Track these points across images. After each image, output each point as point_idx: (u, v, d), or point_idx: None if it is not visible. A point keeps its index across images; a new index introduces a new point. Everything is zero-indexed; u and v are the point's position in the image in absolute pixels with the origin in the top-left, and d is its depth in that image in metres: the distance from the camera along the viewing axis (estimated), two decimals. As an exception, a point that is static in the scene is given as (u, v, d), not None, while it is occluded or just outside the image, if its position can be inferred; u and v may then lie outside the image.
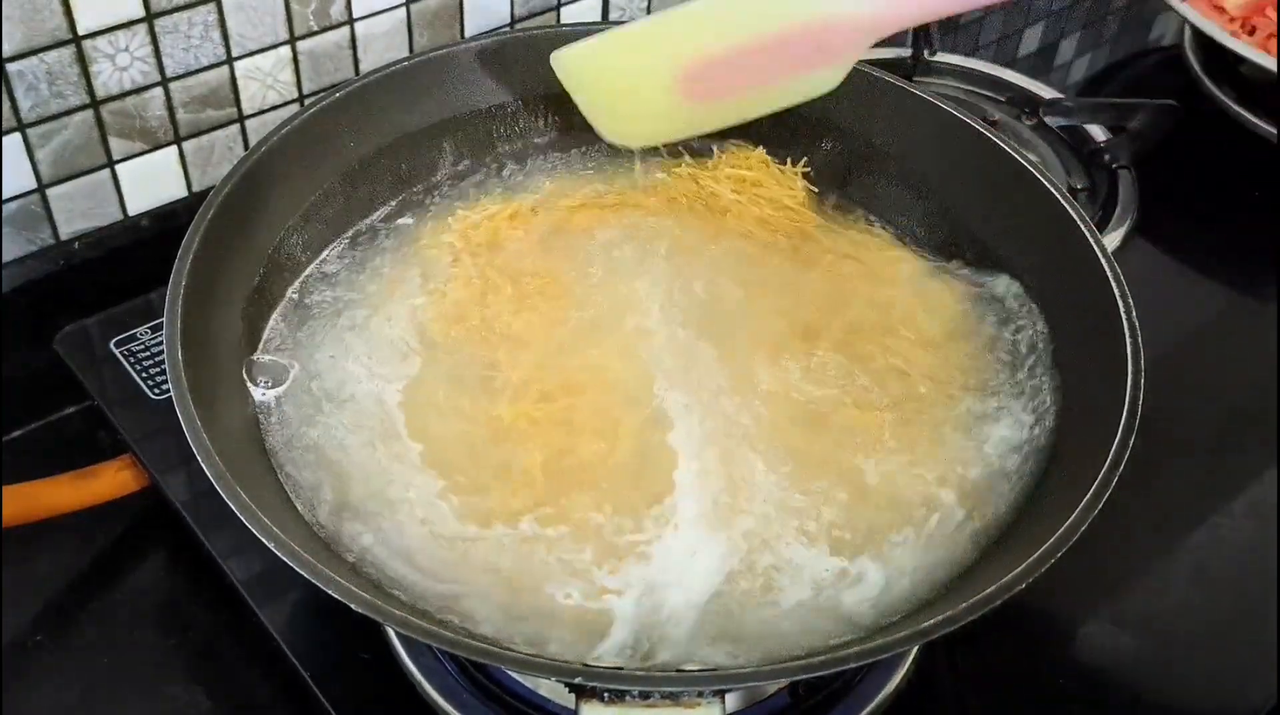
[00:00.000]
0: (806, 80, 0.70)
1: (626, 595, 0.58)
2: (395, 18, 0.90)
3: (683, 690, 0.51)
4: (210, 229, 0.65)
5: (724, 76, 0.69)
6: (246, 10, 0.82)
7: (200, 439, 0.55)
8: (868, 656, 0.53)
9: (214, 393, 0.62)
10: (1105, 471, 0.57)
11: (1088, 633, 0.71)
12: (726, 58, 0.68)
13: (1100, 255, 0.67)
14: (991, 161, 0.74)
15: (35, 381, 0.81)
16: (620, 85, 0.71)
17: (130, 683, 0.67)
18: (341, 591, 0.52)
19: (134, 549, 0.73)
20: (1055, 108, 1.03)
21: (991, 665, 0.69)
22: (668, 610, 0.58)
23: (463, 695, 0.65)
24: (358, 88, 0.75)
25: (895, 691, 0.66)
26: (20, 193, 0.81)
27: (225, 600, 0.69)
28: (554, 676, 0.52)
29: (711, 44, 0.68)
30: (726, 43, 0.68)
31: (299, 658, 0.66)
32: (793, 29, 0.67)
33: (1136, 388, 0.61)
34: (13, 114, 0.77)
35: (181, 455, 0.63)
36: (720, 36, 0.68)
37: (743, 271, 0.74)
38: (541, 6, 0.98)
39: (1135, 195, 0.97)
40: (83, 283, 0.84)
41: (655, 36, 0.69)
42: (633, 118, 0.73)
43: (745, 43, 0.68)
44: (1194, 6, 1.02)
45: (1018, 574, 0.53)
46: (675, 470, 0.63)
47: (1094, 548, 0.55)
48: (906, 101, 0.78)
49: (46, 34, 0.75)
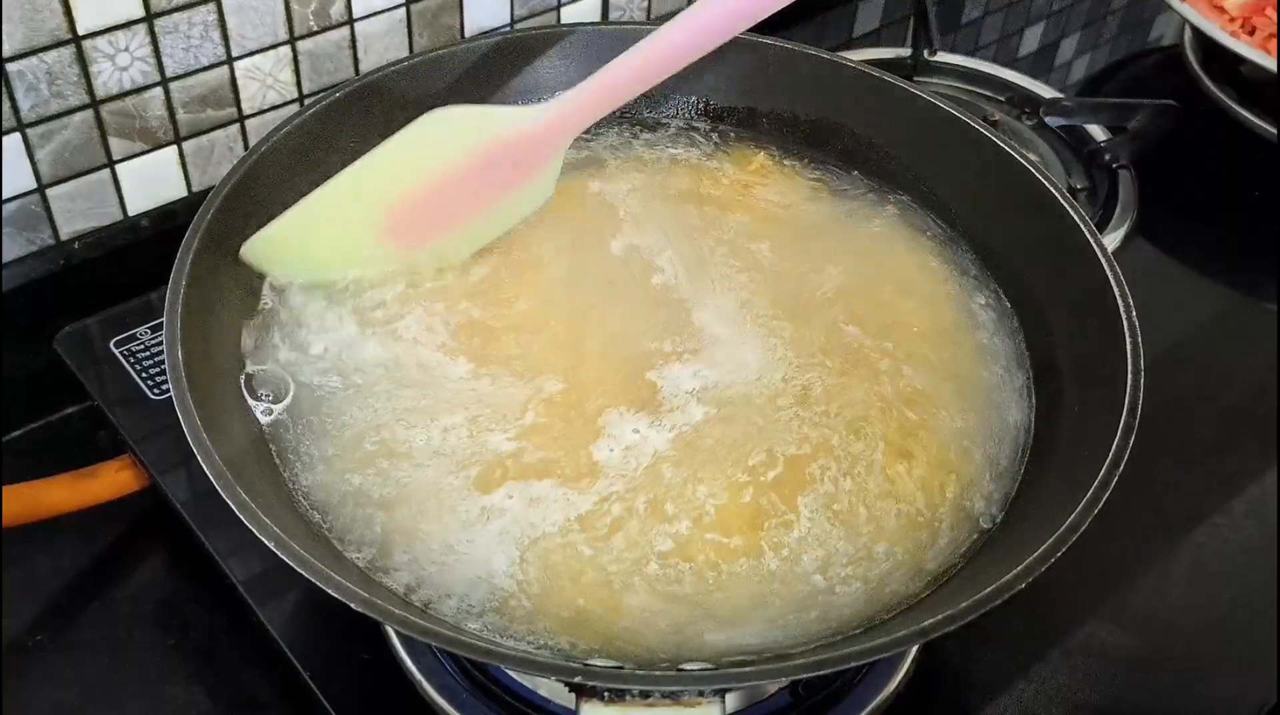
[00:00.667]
0: (517, 199, 0.70)
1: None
2: (395, 18, 0.90)
3: (683, 690, 0.51)
4: (210, 229, 0.65)
5: (429, 216, 0.67)
6: (246, 10, 0.82)
7: (200, 438, 0.55)
8: (868, 656, 0.53)
9: (214, 392, 0.62)
10: (1105, 471, 0.57)
11: (1088, 633, 0.71)
12: (425, 198, 0.67)
13: (1100, 255, 0.67)
14: (991, 161, 0.74)
15: (35, 381, 0.81)
16: (322, 255, 0.68)
17: (130, 683, 0.67)
18: (341, 591, 0.52)
19: (134, 549, 0.73)
20: (1055, 108, 1.03)
21: (991, 665, 0.69)
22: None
23: (462, 695, 0.65)
24: (357, 87, 0.75)
25: (895, 691, 0.66)
26: (20, 193, 0.81)
27: (225, 600, 0.69)
28: (554, 676, 0.52)
29: (404, 187, 0.67)
30: (418, 183, 0.67)
31: (299, 658, 0.66)
32: (479, 156, 0.67)
33: (1136, 388, 0.61)
34: (13, 114, 0.77)
35: (181, 455, 0.63)
36: (409, 178, 0.67)
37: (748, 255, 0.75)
38: (541, 6, 0.99)
39: (1135, 195, 0.97)
40: (83, 283, 0.84)
41: (341, 197, 0.67)
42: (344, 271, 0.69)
43: (438, 179, 0.67)
44: (1194, 6, 1.02)
45: (1018, 573, 0.53)
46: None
47: (1094, 548, 0.55)
48: (906, 101, 0.78)
49: (46, 34, 0.75)
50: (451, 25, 0.94)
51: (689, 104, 0.83)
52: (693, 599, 0.58)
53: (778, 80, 0.81)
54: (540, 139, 0.68)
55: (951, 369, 0.69)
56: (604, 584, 0.58)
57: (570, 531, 0.60)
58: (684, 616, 0.57)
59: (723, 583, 0.59)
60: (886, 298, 0.73)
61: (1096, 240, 0.68)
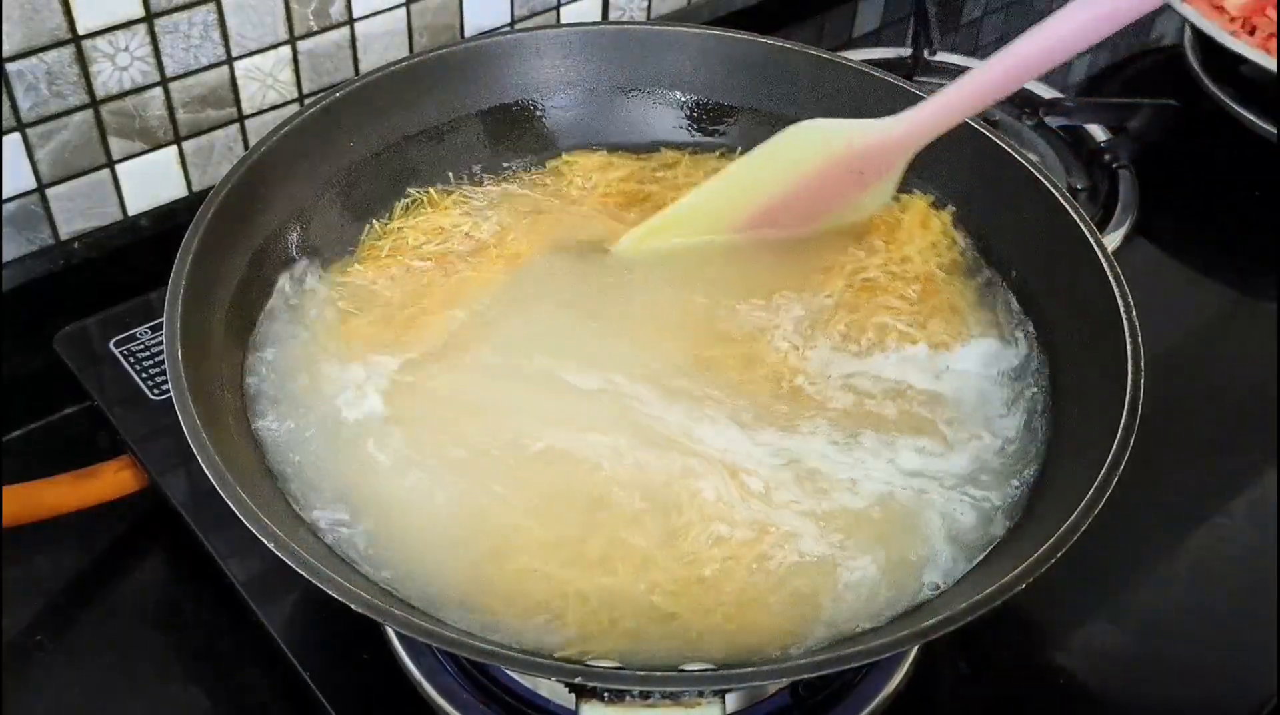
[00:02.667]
0: (858, 202, 0.75)
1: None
2: (395, 18, 0.90)
3: (683, 690, 0.51)
4: (209, 229, 0.65)
5: (775, 219, 0.74)
6: (246, 10, 0.82)
7: (200, 439, 0.55)
8: (868, 656, 0.53)
9: (214, 392, 0.62)
10: (1105, 471, 0.57)
11: (1088, 633, 0.71)
12: (773, 205, 0.73)
13: (1100, 255, 0.67)
14: (991, 161, 0.74)
15: (35, 381, 0.81)
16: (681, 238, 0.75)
17: (130, 683, 0.67)
18: (342, 592, 0.52)
19: (134, 549, 0.73)
20: (1055, 108, 1.03)
21: (991, 665, 0.69)
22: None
23: (463, 695, 0.65)
24: (357, 88, 0.75)
25: (895, 691, 0.66)
26: (20, 193, 0.81)
27: (225, 600, 0.69)
28: (554, 676, 0.52)
29: (758, 198, 0.73)
30: (771, 193, 0.73)
31: (299, 658, 0.66)
32: (833, 165, 0.72)
33: (1136, 388, 0.61)
34: (13, 114, 0.77)
35: (181, 455, 0.63)
36: (764, 190, 0.73)
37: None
38: (541, 6, 0.99)
39: (1135, 195, 0.97)
40: (83, 283, 0.84)
41: (703, 205, 0.74)
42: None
43: (790, 188, 0.72)
44: (1194, 6, 1.02)
45: (1018, 574, 0.53)
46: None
47: (1094, 548, 0.55)
48: (906, 102, 0.78)
49: (46, 34, 0.75)
50: (451, 25, 0.94)
51: (689, 103, 0.83)
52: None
53: (777, 80, 0.81)
54: (888, 149, 0.72)
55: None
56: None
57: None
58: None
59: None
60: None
61: (1097, 240, 0.68)
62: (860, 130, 0.72)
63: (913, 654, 0.67)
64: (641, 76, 0.82)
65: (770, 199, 0.73)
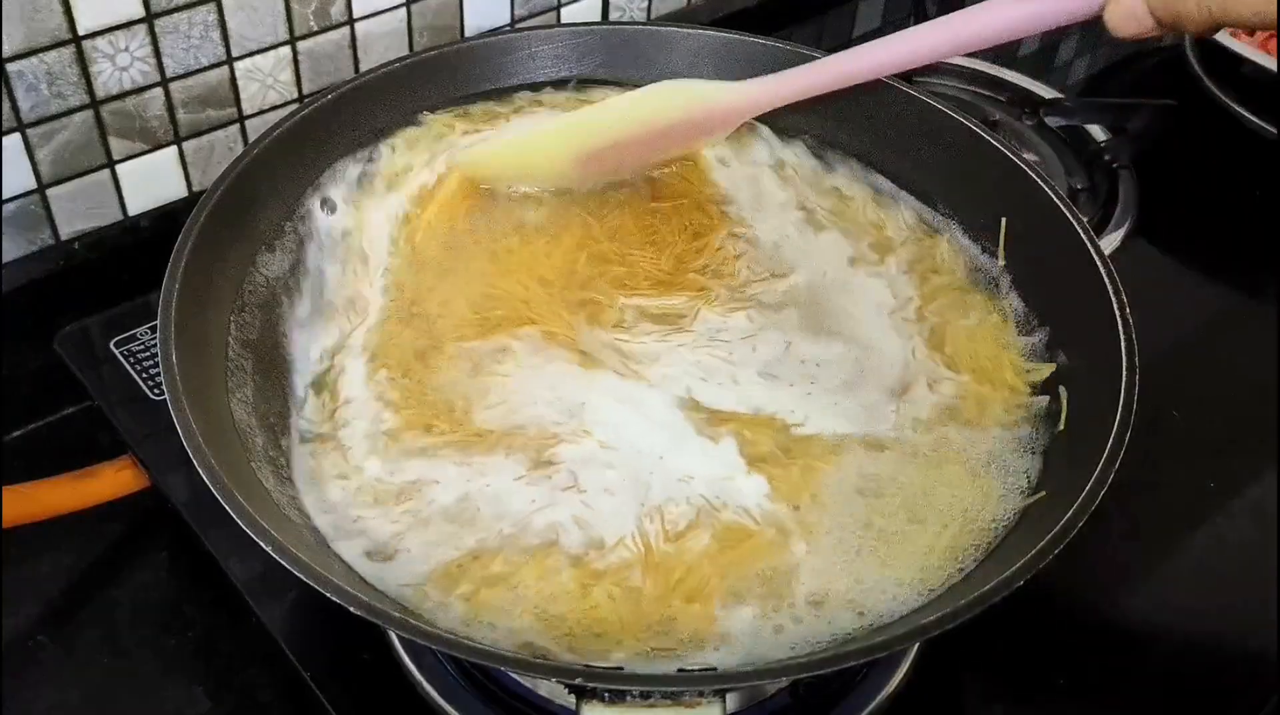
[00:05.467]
0: (684, 149, 0.78)
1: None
2: (395, 18, 0.90)
3: (683, 690, 0.51)
4: (204, 230, 0.65)
5: (613, 157, 0.76)
6: (246, 10, 0.82)
7: (196, 443, 0.55)
8: (868, 655, 0.53)
9: (210, 393, 0.62)
10: (1101, 469, 0.57)
11: (1087, 632, 0.71)
12: (617, 145, 0.76)
13: (1095, 255, 0.67)
14: (990, 162, 0.74)
15: (35, 381, 0.81)
16: (517, 171, 0.77)
17: (130, 683, 0.67)
18: (340, 594, 0.52)
19: (134, 549, 0.73)
20: (1055, 108, 1.03)
21: (991, 665, 0.69)
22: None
23: (463, 696, 0.65)
24: (352, 88, 0.75)
25: (895, 691, 0.66)
26: (20, 193, 0.81)
27: (225, 600, 0.69)
28: (554, 678, 0.52)
29: (604, 137, 0.76)
30: (617, 136, 0.75)
31: (299, 658, 0.66)
32: (675, 119, 0.76)
33: (1131, 386, 0.61)
34: (13, 114, 0.77)
35: (181, 455, 0.63)
36: (611, 132, 0.75)
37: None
38: (541, 6, 0.99)
39: (1135, 195, 0.97)
40: (83, 283, 0.84)
41: (550, 137, 0.77)
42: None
43: (634, 134, 0.75)
44: (1194, 6, 1.01)
45: (1015, 572, 0.53)
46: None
47: (1094, 547, 0.55)
48: (905, 102, 0.78)
49: (46, 34, 0.75)
50: (452, 25, 0.94)
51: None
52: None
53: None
54: (737, 110, 0.76)
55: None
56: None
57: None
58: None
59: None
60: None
61: (1091, 240, 0.68)
62: (716, 91, 0.75)
63: (912, 654, 0.67)
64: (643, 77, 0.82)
65: (613, 142, 0.75)
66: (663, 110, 0.75)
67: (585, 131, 0.76)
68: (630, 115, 0.75)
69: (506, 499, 0.62)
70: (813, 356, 0.69)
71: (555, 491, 0.62)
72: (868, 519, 0.61)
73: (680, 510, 0.62)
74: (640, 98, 0.75)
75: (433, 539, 0.60)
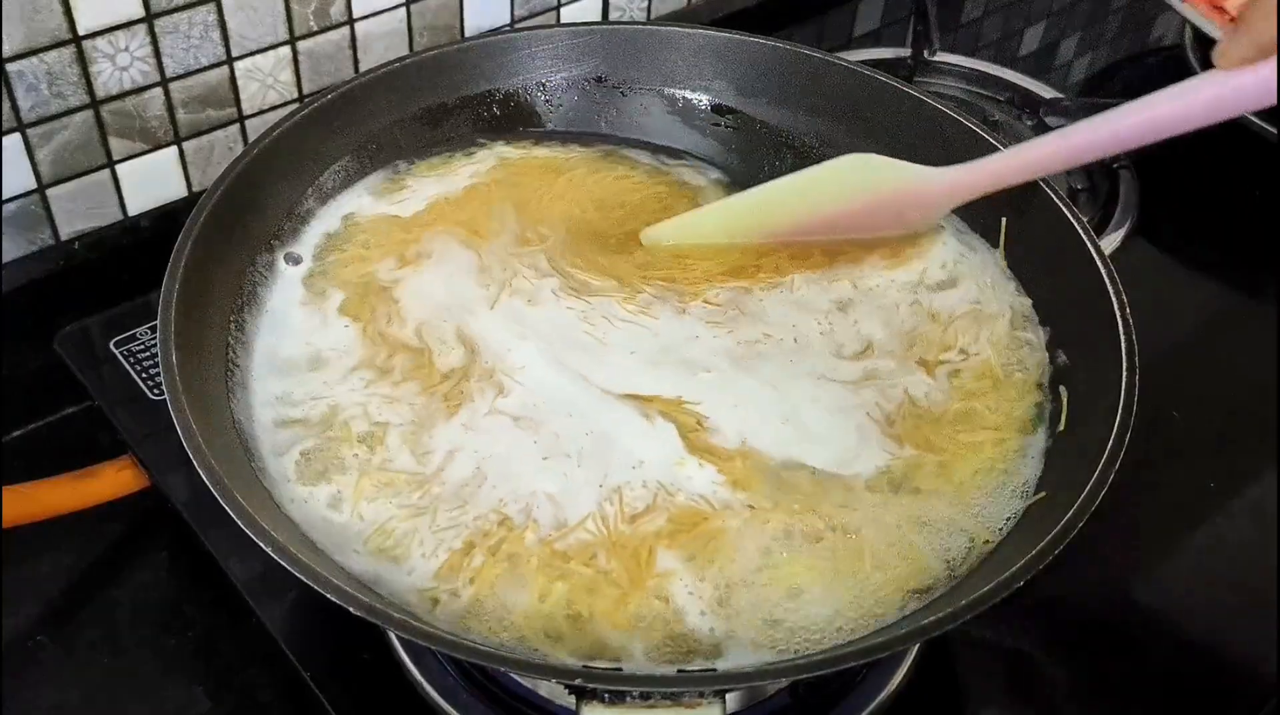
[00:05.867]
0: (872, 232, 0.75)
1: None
2: (395, 18, 0.90)
3: (683, 691, 0.51)
4: (204, 230, 0.65)
5: (805, 232, 0.74)
6: (246, 10, 0.82)
7: (196, 443, 0.55)
8: (868, 656, 0.53)
9: (210, 394, 0.62)
10: (1101, 470, 0.57)
11: (1087, 632, 0.71)
12: (810, 223, 0.73)
13: (1095, 255, 0.67)
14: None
15: (35, 381, 0.81)
16: (702, 236, 0.75)
17: (130, 683, 0.67)
18: (340, 595, 0.52)
19: (134, 549, 0.73)
20: (1055, 108, 1.03)
21: (991, 665, 0.69)
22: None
23: (463, 696, 0.65)
24: (351, 88, 0.75)
25: (895, 692, 0.66)
26: (20, 193, 0.81)
27: (225, 600, 0.69)
28: (554, 679, 0.52)
29: (796, 215, 0.73)
30: (808, 213, 0.72)
31: (299, 658, 0.66)
32: (874, 200, 0.72)
33: (1131, 386, 0.61)
34: (13, 114, 0.77)
35: (181, 455, 0.63)
36: (802, 209, 0.73)
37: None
38: (541, 6, 0.99)
39: (1135, 195, 0.97)
40: (83, 283, 0.84)
41: (741, 210, 0.74)
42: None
43: (828, 212, 0.72)
44: (1194, 6, 1.02)
45: (1015, 572, 0.53)
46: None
47: (1094, 548, 0.55)
48: (905, 102, 0.78)
49: (46, 34, 0.75)
50: (451, 25, 0.94)
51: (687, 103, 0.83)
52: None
53: (776, 81, 0.81)
54: (935, 199, 0.72)
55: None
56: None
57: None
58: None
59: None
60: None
61: (1091, 239, 0.68)
62: (911, 175, 0.71)
63: (912, 654, 0.67)
64: (643, 77, 0.82)
65: (805, 218, 0.73)
66: (851, 187, 0.72)
67: (767, 209, 0.74)
68: (817, 191, 0.72)
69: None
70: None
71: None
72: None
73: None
74: (826, 170, 0.72)
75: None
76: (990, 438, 0.66)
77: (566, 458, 0.63)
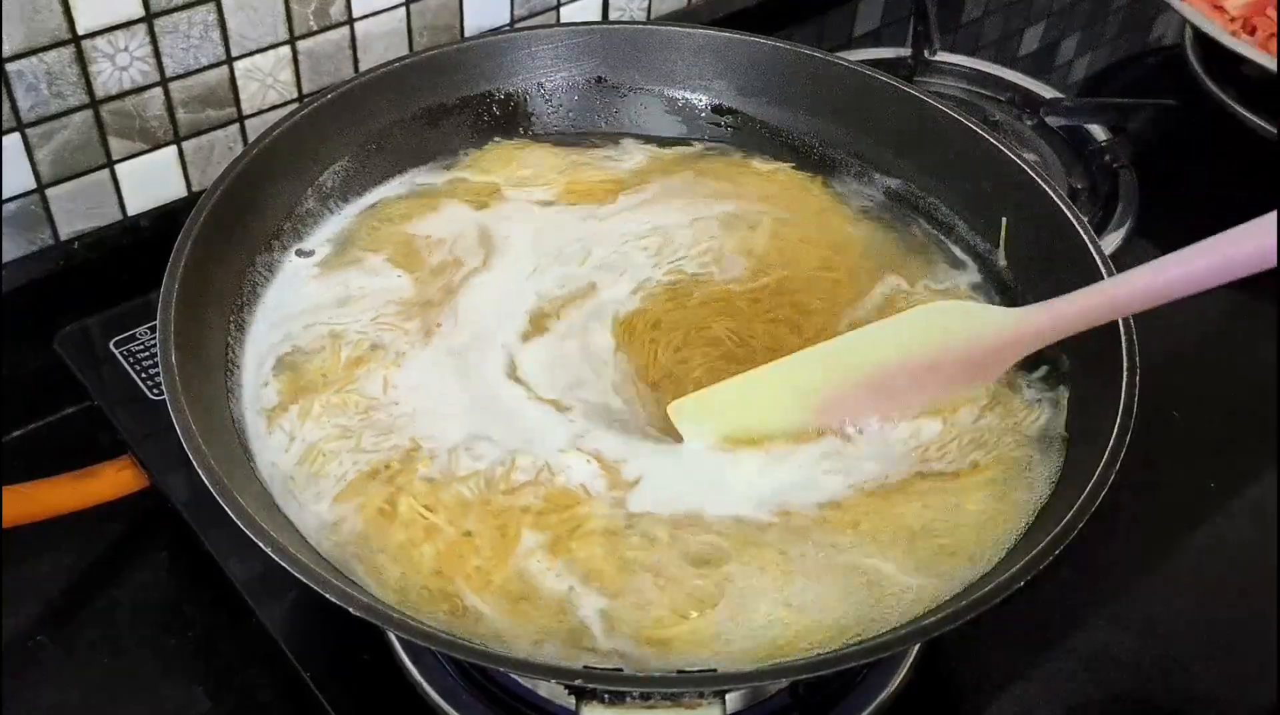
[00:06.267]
0: (954, 391, 0.66)
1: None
2: (395, 18, 0.90)
3: (683, 691, 0.51)
4: (204, 230, 0.65)
5: (862, 401, 0.64)
6: (246, 10, 0.82)
7: (195, 443, 0.55)
8: (868, 656, 0.53)
9: (210, 394, 0.62)
10: (1101, 470, 0.57)
11: (1088, 633, 0.71)
12: (866, 385, 0.63)
13: (1096, 255, 0.67)
14: (990, 162, 0.74)
15: (35, 381, 0.81)
16: (745, 422, 0.64)
17: (130, 683, 0.67)
18: (340, 595, 0.52)
19: (134, 549, 0.73)
20: (1055, 108, 1.03)
21: (991, 665, 0.69)
22: None
23: (462, 696, 0.65)
24: (350, 88, 0.75)
25: (895, 692, 0.66)
26: (20, 193, 0.81)
27: (225, 600, 0.69)
28: (554, 679, 0.52)
29: (851, 376, 0.63)
30: (866, 373, 0.63)
31: (299, 658, 0.66)
32: (939, 353, 0.63)
33: (1132, 386, 0.61)
34: (12, 114, 0.77)
35: (181, 455, 0.63)
36: (859, 368, 0.63)
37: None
38: (541, 6, 0.99)
39: (1135, 195, 0.97)
40: (83, 283, 0.84)
41: (786, 377, 0.64)
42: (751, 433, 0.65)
43: (886, 371, 0.63)
44: (1194, 6, 1.02)
45: (1016, 572, 0.53)
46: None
47: (1094, 548, 0.55)
48: (905, 102, 0.78)
49: (46, 34, 0.75)
50: (451, 25, 0.94)
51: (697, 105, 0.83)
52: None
53: (776, 81, 0.81)
54: (1006, 342, 0.63)
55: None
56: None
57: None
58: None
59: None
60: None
61: (1092, 240, 0.68)
62: (986, 319, 0.63)
63: (913, 654, 0.67)
64: (643, 77, 0.82)
65: (864, 379, 0.63)
66: (918, 341, 0.62)
67: (824, 368, 0.63)
68: (878, 348, 0.62)
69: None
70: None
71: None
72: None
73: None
74: (893, 324, 0.63)
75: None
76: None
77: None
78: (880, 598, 0.58)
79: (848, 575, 0.59)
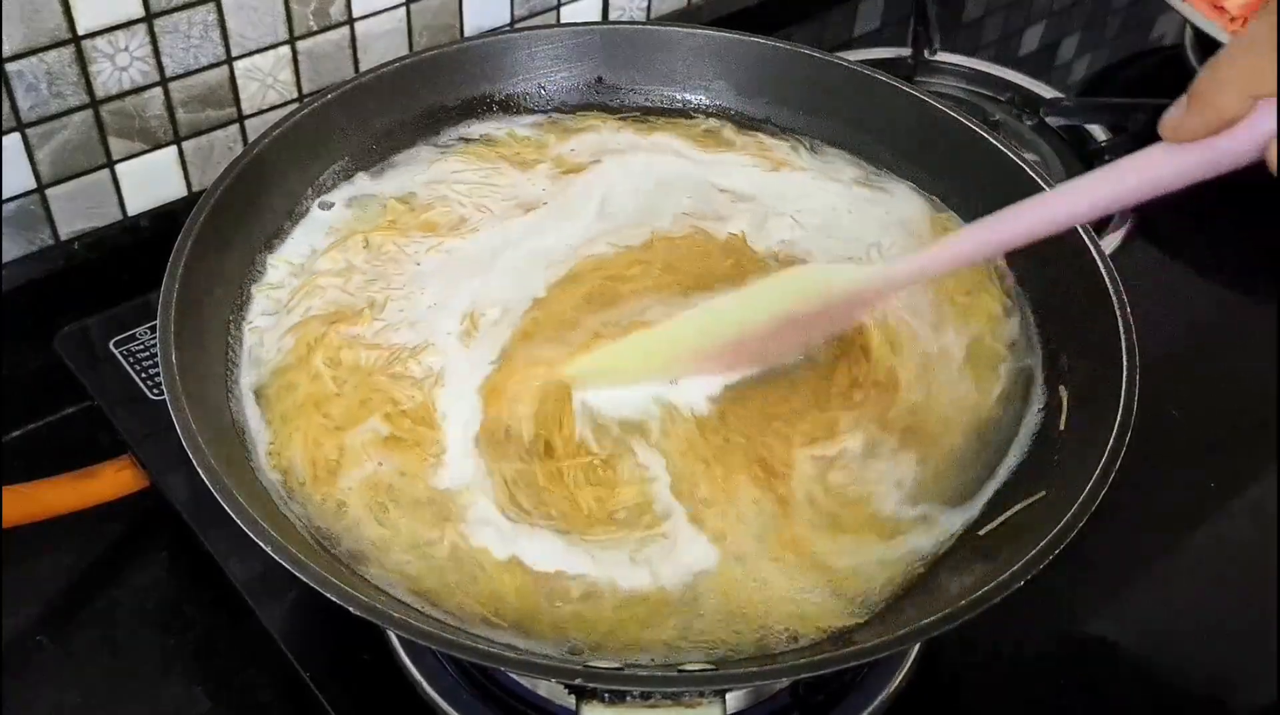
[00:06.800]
0: (809, 340, 0.69)
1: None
2: (395, 17, 0.90)
3: (684, 690, 0.51)
4: (204, 230, 0.65)
5: (737, 354, 0.67)
6: (246, 10, 0.82)
7: (195, 443, 0.55)
8: (868, 656, 0.53)
9: (210, 394, 0.62)
10: (1101, 469, 0.57)
11: (1088, 632, 0.71)
12: (740, 342, 0.67)
13: (1095, 254, 0.67)
14: (990, 162, 0.74)
15: (35, 381, 0.81)
16: (627, 374, 0.68)
17: (130, 683, 0.67)
18: (340, 595, 0.52)
19: (134, 549, 0.73)
20: (1055, 108, 1.03)
21: (991, 665, 0.69)
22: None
23: (462, 696, 0.65)
24: (352, 88, 0.75)
25: (895, 692, 0.66)
26: (20, 193, 0.81)
27: (225, 600, 0.69)
28: (554, 678, 0.52)
29: (724, 337, 0.66)
30: (739, 333, 0.66)
31: (299, 658, 0.66)
32: (803, 310, 0.65)
33: (1132, 385, 0.61)
34: (12, 114, 0.77)
35: (181, 455, 0.63)
36: (726, 330, 0.66)
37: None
38: (541, 6, 0.99)
39: (1135, 195, 0.96)
40: (83, 283, 0.85)
41: (665, 340, 0.67)
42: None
43: (759, 330, 0.66)
44: (1194, 6, 1.02)
45: (1015, 571, 0.53)
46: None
47: (1094, 548, 0.55)
48: (905, 102, 0.78)
49: (46, 34, 0.75)
50: (451, 25, 0.94)
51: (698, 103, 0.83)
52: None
53: (776, 81, 0.81)
54: (859, 297, 0.66)
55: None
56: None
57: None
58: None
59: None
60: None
61: (1092, 240, 0.68)
62: (844, 277, 0.66)
63: (913, 653, 0.67)
64: (643, 77, 0.82)
65: (737, 338, 0.67)
66: (786, 302, 0.65)
67: (697, 332, 0.67)
68: (748, 310, 0.66)
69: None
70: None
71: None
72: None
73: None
74: (759, 290, 0.67)
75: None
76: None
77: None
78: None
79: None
